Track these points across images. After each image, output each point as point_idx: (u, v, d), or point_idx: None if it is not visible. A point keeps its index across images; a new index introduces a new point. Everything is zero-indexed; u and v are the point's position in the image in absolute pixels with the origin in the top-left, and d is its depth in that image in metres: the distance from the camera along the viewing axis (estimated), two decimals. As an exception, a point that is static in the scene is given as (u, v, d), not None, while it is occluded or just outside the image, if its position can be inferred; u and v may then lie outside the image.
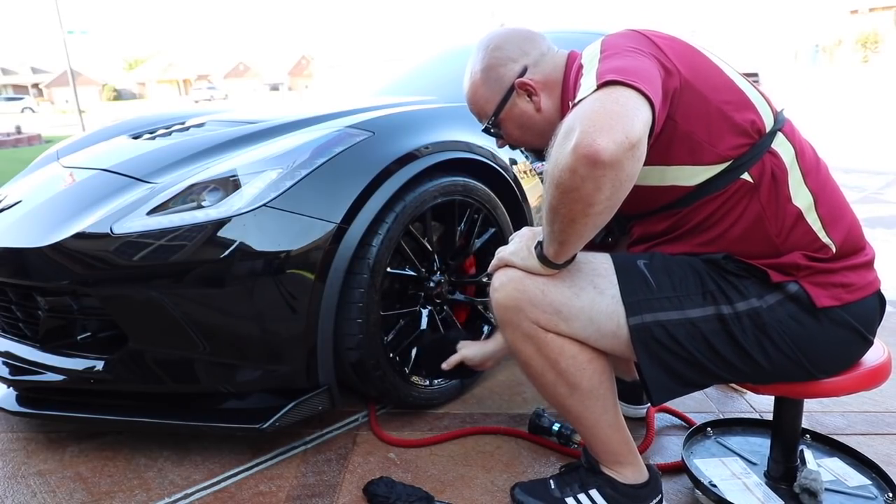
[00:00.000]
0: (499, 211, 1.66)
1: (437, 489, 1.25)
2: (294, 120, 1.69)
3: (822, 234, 0.93)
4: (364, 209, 1.33)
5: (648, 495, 1.09)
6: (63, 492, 1.27)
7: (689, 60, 0.92)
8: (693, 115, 0.90)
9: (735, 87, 0.93)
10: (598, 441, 1.08)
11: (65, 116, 27.31)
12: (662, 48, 0.91)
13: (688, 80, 0.90)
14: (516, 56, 1.06)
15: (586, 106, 0.79)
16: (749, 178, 0.92)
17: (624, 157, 0.75)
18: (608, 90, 0.79)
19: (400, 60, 3.50)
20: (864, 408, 1.55)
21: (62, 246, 1.26)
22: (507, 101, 1.08)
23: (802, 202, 0.93)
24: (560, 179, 0.79)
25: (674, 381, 0.97)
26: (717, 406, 1.57)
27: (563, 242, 0.88)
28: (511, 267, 1.00)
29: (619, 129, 0.75)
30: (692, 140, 0.91)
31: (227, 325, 1.25)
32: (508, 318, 1.01)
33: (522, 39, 1.08)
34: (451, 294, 1.63)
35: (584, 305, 0.96)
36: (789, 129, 0.96)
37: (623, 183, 0.78)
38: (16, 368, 1.40)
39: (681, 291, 0.95)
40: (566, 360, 1.00)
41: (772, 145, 0.92)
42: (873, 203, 4.27)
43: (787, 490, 1.12)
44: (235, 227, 1.22)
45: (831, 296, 0.92)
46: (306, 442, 1.44)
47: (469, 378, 1.59)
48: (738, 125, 0.91)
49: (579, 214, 0.81)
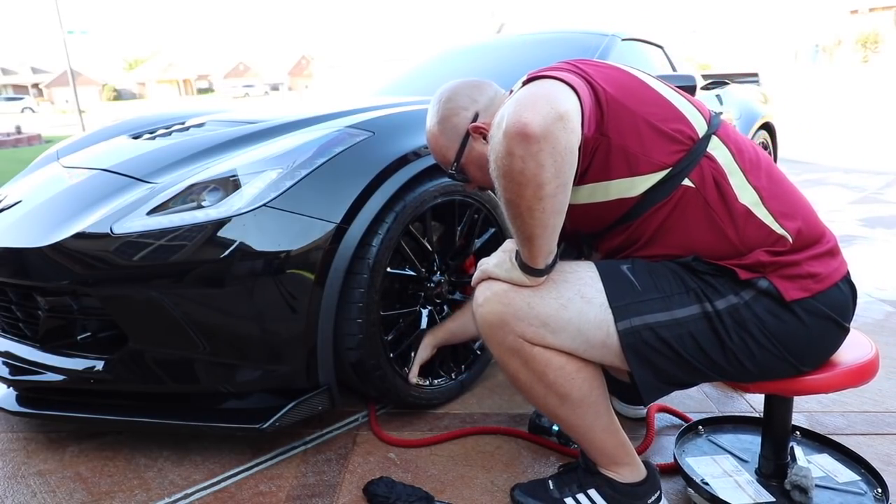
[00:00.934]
0: (499, 211, 1.66)
1: (437, 489, 1.25)
2: (294, 120, 1.69)
3: (775, 226, 0.94)
4: (364, 209, 1.33)
5: (647, 492, 1.10)
6: (63, 492, 1.27)
7: (614, 79, 0.96)
8: (623, 128, 0.93)
9: (662, 99, 0.97)
10: (593, 446, 1.08)
11: (65, 116, 27.32)
12: (586, 70, 0.94)
13: (613, 95, 0.93)
14: (467, 104, 1.12)
15: (514, 97, 0.84)
16: (690, 184, 0.94)
17: (553, 127, 0.78)
18: (536, 83, 0.85)
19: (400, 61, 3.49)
20: (865, 408, 1.55)
21: (62, 246, 1.26)
22: (465, 146, 1.12)
23: (748, 199, 0.95)
24: (503, 167, 0.82)
25: (661, 381, 0.98)
26: (717, 406, 1.57)
27: (531, 237, 0.89)
28: (494, 280, 1.00)
29: (544, 104, 0.79)
30: (626, 152, 0.94)
31: (227, 325, 1.25)
32: (493, 334, 1.01)
33: (471, 88, 1.14)
34: (451, 294, 1.63)
35: (571, 317, 0.96)
36: (723, 132, 0.99)
37: (563, 156, 0.80)
38: (16, 368, 1.40)
39: (665, 292, 0.96)
40: (553, 371, 1.00)
41: (707, 149, 0.95)
42: (873, 203, 4.27)
43: (777, 487, 1.13)
44: (235, 227, 1.22)
45: (800, 287, 0.94)
46: (306, 442, 1.44)
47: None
48: (667, 133, 0.94)
49: (533, 199, 0.83)
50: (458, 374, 1.62)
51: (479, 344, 1.69)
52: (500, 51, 2.67)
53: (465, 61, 2.73)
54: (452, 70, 2.69)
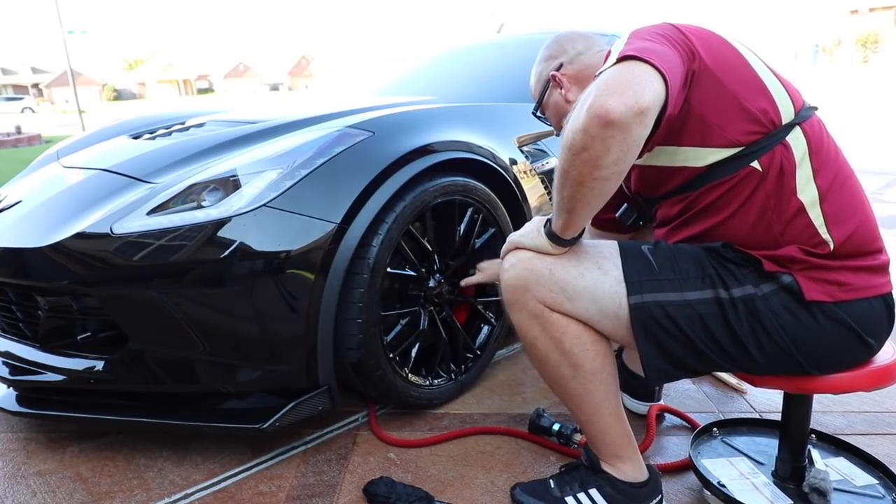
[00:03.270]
0: (499, 211, 1.66)
1: (437, 489, 1.25)
2: (294, 120, 1.69)
3: (822, 230, 0.94)
4: (364, 209, 1.33)
5: (648, 495, 1.10)
6: (63, 492, 1.27)
7: (712, 48, 0.95)
8: (707, 98, 0.94)
9: (755, 77, 0.96)
10: (598, 430, 1.08)
11: (65, 116, 27.31)
12: (687, 34, 0.95)
13: (707, 65, 0.93)
14: (557, 53, 1.23)
15: (604, 75, 0.85)
16: (758, 167, 0.94)
17: (632, 120, 0.80)
18: (627, 63, 0.85)
19: (400, 61, 3.50)
20: (865, 408, 1.55)
21: (62, 246, 1.26)
22: (545, 93, 1.24)
23: (807, 197, 0.94)
24: (573, 141, 0.84)
25: (667, 362, 0.99)
26: (718, 406, 1.57)
27: (572, 210, 0.92)
28: (521, 249, 1.04)
29: (630, 94, 0.81)
30: (703, 122, 0.95)
31: (227, 325, 1.25)
32: (516, 299, 1.04)
33: (569, 38, 1.24)
34: (451, 294, 1.63)
35: (588, 285, 0.99)
36: (809, 125, 0.97)
37: (630, 147, 0.83)
38: (16, 368, 1.40)
39: (681, 274, 0.97)
40: (570, 339, 1.02)
41: (786, 138, 0.94)
42: (873, 203, 4.21)
43: (795, 490, 1.12)
44: (235, 227, 1.22)
45: (823, 291, 0.93)
46: (306, 442, 1.44)
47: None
48: (750, 112, 0.93)
49: (587, 177, 0.85)
50: (458, 375, 1.62)
51: (480, 344, 1.69)
52: (500, 51, 2.66)
53: (465, 61, 2.73)
54: (453, 70, 2.69)
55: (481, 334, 1.70)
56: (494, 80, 2.31)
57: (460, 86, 2.39)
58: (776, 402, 1.57)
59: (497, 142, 1.69)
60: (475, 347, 1.67)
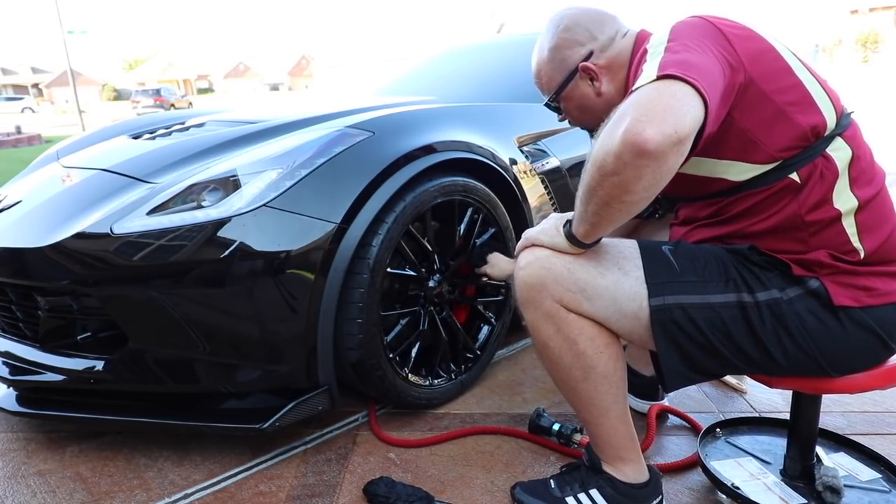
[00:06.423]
0: (499, 211, 1.66)
1: (437, 489, 1.25)
2: (294, 120, 1.69)
3: (854, 238, 0.92)
4: (364, 209, 1.33)
5: (649, 496, 1.10)
6: (63, 492, 1.27)
7: (756, 55, 0.91)
8: (753, 113, 0.90)
9: (801, 86, 0.92)
10: (603, 431, 1.07)
11: (65, 116, 27.31)
12: (731, 41, 0.90)
13: (752, 77, 0.89)
14: (584, 40, 1.08)
15: (642, 94, 0.80)
16: (796, 178, 0.92)
17: (669, 150, 0.77)
18: (667, 82, 0.80)
19: (400, 61, 3.50)
20: (865, 408, 1.55)
21: (62, 246, 1.26)
22: (570, 83, 1.11)
23: (843, 206, 0.92)
24: (604, 162, 0.81)
25: (686, 367, 0.97)
26: (717, 406, 1.57)
27: (595, 224, 0.90)
28: (538, 247, 1.01)
29: (670, 123, 0.76)
30: (746, 137, 0.91)
31: (227, 325, 1.25)
32: (531, 297, 1.01)
33: (593, 21, 1.09)
34: (451, 294, 1.63)
35: (608, 285, 0.97)
36: (851, 133, 0.94)
37: (663, 176, 0.80)
38: (16, 368, 1.40)
39: (704, 277, 0.95)
40: (584, 341, 1.00)
41: (827, 149, 0.91)
42: (873, 203, 4.26)
43: (805, 488, 1.12)
44: (235, 227, 1.22)
45: (851, 296, 0.92)
46: (306, 442, 1.44)
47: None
48: (800, 127, 0.90)
49: (615, 200, 0.83)
50: (458, 375, 1.62)
51: (480, 344, 1.69)
52: (500, 51, 2.66)
53: (465, 61, 2.73)
54: (453, 70, 2.69)
55: (481, 334, 1.70)
56: (494, 80, 2.31)
57: (460, 86, 2.40)
58: (776, 402, 1.57)
59: (497, 142, 1.69)
60: (475, 347, 1.67)
